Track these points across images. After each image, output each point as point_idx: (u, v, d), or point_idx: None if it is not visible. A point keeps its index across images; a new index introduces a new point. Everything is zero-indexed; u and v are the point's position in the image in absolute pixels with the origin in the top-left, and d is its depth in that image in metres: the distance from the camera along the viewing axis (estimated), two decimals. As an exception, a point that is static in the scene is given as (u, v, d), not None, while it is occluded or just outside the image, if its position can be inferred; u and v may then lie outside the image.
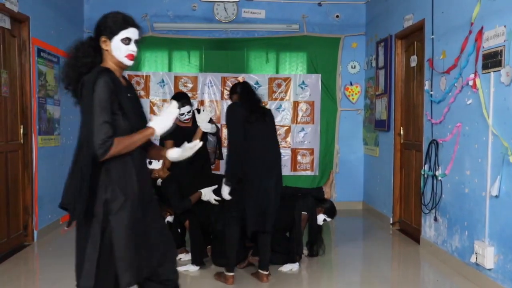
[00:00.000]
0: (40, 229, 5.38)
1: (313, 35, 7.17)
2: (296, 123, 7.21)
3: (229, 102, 4.38)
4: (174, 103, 2.43)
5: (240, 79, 7.02)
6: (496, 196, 3.68)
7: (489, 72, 3.80)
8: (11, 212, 4.89)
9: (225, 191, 3.88)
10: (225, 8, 7.08)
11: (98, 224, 2.25)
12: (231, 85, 4.57)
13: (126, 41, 2.35)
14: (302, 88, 7.18)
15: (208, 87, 7.09)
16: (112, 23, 2.35)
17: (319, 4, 7.10)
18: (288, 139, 7.19)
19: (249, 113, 3.92)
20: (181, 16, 7.11)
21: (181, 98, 4.84)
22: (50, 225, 5.68)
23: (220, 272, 4.12)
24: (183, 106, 4.76)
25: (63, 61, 2.45)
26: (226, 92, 7.07)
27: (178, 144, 4.71)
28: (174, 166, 4.53)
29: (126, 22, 2.37)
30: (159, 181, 4.50)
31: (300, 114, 7.21)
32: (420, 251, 5.01)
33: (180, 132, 4.83)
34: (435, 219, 4.76)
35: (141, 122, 2.43)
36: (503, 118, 3.63)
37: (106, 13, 2.43)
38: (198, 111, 4.94)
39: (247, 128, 3.88)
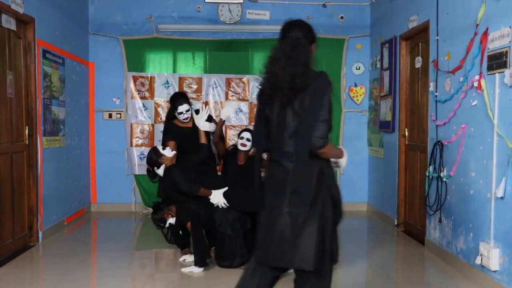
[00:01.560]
0: (45, 230, 5.40)
1: (318, 36, 7.14)
2: (301, 124, 7.19)
3: (233, 102, 4.34)
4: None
5: (245, 80, 7.04)
6: (501, 198, 3.67)
7: (494, 73, 3.78)
8: (16, 213, 4.91)
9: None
10: (229, 9, 7.09)
11: (329, 211, 2.50)
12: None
13: None
14: (306, 89, 7.16)
15: (213, 88, 7.08)
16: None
17: (324, 5, 7.09)
18: (292, 140, 7.17)
19: None
20: (186, 18, 7.12)
21: (179, 97, 4.88)
22: (55, 225, 5.71)
23: None
24: (180, 105, 4.78)
25: (279, 62, 2.59)
26: (230, 93, 7.08)
27: (179, 145, 4.76)
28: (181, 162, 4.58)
29: None
30: (161, 169, 4.50)
31: (304, 115, 7.19)
32: (425, 253, 4.99)
33: (180, 133, 4.86)
34: (440, 221, 4.74)
35: None
36: (508, 119, 3.62)
37: (304, 21, 2.84)
38: (197, 112, 4.95)
39: None
